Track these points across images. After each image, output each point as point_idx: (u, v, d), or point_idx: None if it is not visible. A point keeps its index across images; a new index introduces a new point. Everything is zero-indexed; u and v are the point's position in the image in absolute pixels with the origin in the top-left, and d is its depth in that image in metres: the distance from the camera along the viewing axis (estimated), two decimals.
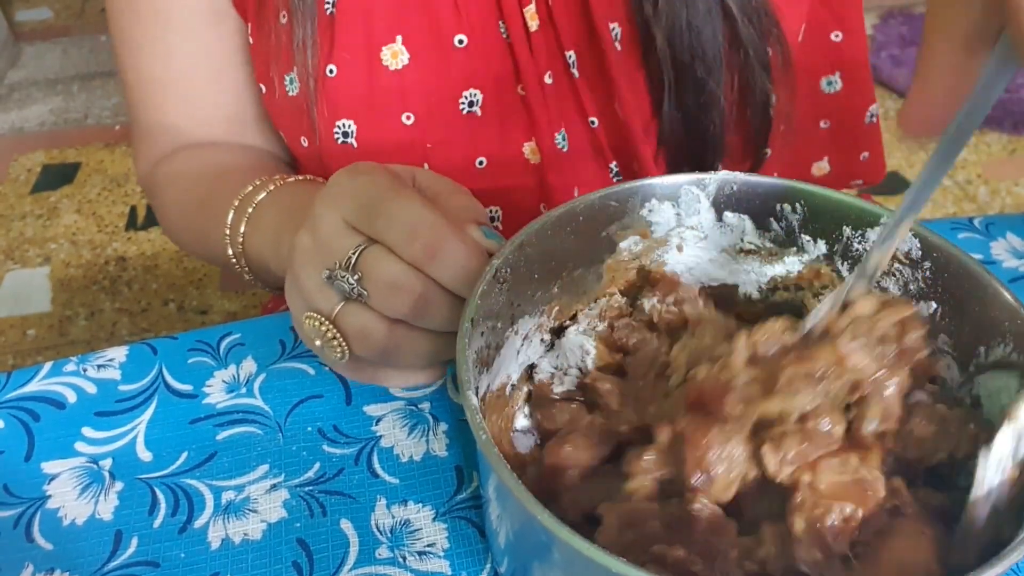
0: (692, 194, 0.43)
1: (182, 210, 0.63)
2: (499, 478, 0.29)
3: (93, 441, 0.47)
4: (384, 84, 0.56)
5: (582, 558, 0.27)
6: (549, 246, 0.41)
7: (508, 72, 0.57)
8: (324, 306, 0.40)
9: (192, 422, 0.47)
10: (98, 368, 0.50)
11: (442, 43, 0.55)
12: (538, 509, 0.28)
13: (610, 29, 0.55)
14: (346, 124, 0.57)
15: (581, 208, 0.41)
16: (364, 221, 0.39)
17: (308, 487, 0.44)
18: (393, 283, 0.39)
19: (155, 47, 0.62)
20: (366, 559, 0.41)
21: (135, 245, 1.81)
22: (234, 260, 0.53)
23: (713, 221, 0.44)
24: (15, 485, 0.45)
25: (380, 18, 0.55)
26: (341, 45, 0.55)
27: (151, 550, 0.42)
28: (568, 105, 0.58)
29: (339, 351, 0.41)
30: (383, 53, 0.55)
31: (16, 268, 1.77)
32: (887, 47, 2.20)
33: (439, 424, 0.47)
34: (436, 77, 0.56)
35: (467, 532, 0.42)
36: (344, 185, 0.41)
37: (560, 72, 0.57)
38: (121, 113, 2.22)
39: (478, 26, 0.55)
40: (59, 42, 2.53)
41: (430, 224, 0.38)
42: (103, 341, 1.59)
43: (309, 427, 0.47)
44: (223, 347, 0.52)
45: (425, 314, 0.39)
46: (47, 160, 2.06)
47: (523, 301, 0.41)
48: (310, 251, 0.41)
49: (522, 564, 0.36)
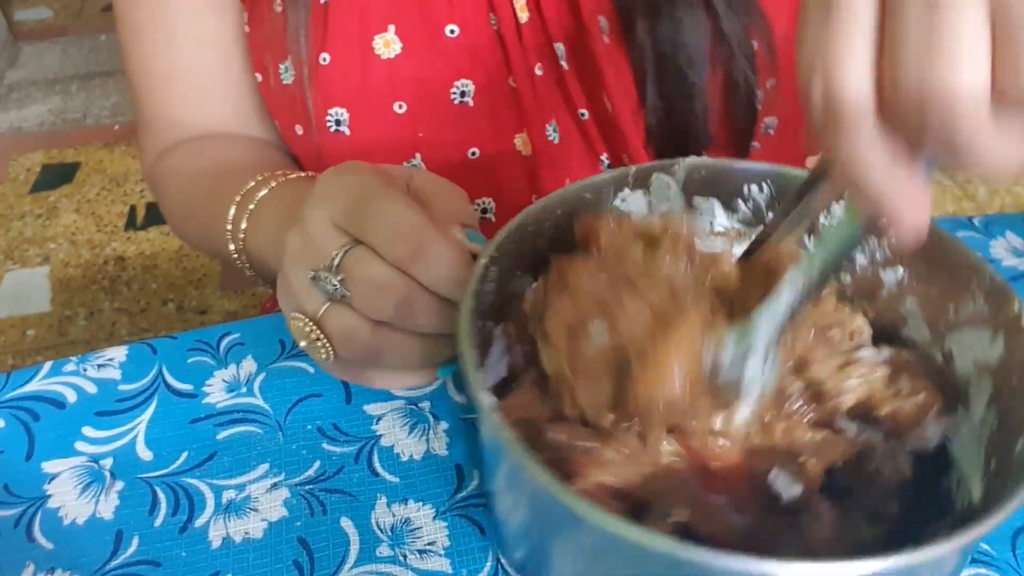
0: (662, 181, 0.43)
1: (185, 205, 0.63)
2: (532, 478, 0.29)
3: (93, 441, 0.47)
4: (376, 73, 0.56)
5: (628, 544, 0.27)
6: (530, 242, 0.41)
7: (499, 63, 0.57)
8: (309, 307, 0.40)
9: (192, 421, 0.47)
10: (98, 368, 0.50)
11: (434, 33, 0.56)
12: (585, 509, 0.28)
13: (597, 21, 0.55)
14: (338, 112, 0.57)
15: (558, 202, 0.41)
16: (350, 221, 0.39)
17: (308, 486, 0.44)
18: (376, 284, 0.39)
19: (160, 37, 0.62)
20: (367, 557, 0.41)
21: (134, 245, 1.81)
22: (236, 256, 0.53)
23: (683, 207, 0.44)
24: (15, 485, 0.45)
25: (374, 7, 0.55)
26: (334, 33, 0.55)
27: (152, 549, 0.42)
28: (557, 97, 0.58)
29: (324, 352, 0.41)
30: (375, 42, 0.55)
31: (15, 268, 1.77)
32: None
33: (439, 423, 0.47)
34: (427, 67, 0.56)
35: (468, 530, 0.42)
36: (332, 185, 0.40)
37: (549, 64, 0.57)
38: (120, 113, 2.22)
39: (469, 17, 0.56)
40: (58, 42, 2.53)
41: (414, 225, 0.38)
42: (103, 341, 1.60)
43: (309, 426, 0.47)
44: (223, 347, 0.52)
45: (409, 316, 0.39)
46: (46, 160, 2.06)
47: (508, 298, 0.41)
48: (298, 251, 0.41)
49: (541, 549, 0.36)
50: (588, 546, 0.32)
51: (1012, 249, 0.58)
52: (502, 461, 0.35)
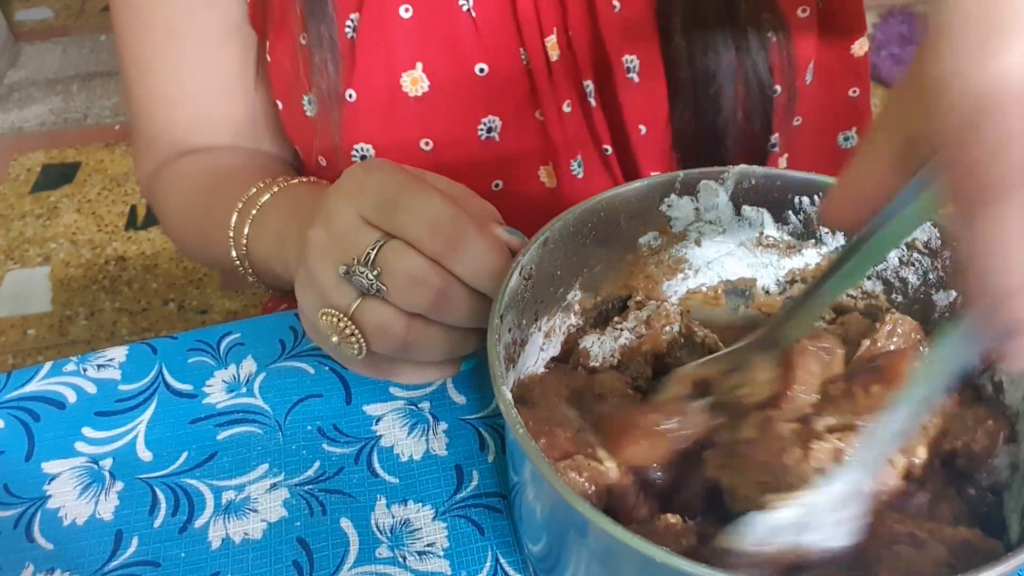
0: (710, 188, 0.43)
1: (185, 214, 0.63)
2: (543, 477, 0.30)
3: (93, 441, 0.47)
4: (403, 110, 0.56)
5: (633, 551, 0.27)
6: (571, 243, 0.41)
7: (527, 97, 0.57)
8: (341, 302, 0.40)
9: (192, 422, 0.47)
10: (98, 368, 0.50)
11: (463, 70, 0.55)
12: (589, 510, 0.28)
13: (624, 61, 0.56)
14: (364, 148, 0.57)
15: (602, 205, 0.41)
16: (383, 216, 0.39)
17: (308, 486, 0.44)
18: (414, 277, 0.39)
19: (166, 64, 0.61)
20: (366, 558, 0.41)
21: (135, 244, 1.81)
22: (238, 263, 0.53)
23: (731, 215, 0.44)
24: (15, 485, 0.45)
25: (401, 44, 0.55)
26: (361, 71, 0.55)
27: (151, 550, 0.42)
28: (585, 133, 0.58)
29: (356, 347, 0.41)
30: (403, 79, 0.55)
31: (16, 268, 1.77)
32: (887, 46, 2.19)
33: (439, 423, 0.47)
34: (456, 104, 0.56)
35: (467, 531, 0.42)
36: (360, 180, 0.41)
37: (577, 100, 0.57)
38: (121, 113, 2.22)
39: (499, 54, 0.56)
40: (59, 42, 2.53)
41: (451, 218, 0.39)
42: (103, 341, 1.59)
43: (309, 426, 0.47)
44: (223, 347, 0.52)
45: (445, 308, 0.40)
46: (47, 160, 2.06)
47: (546, 298, 0.41)
48: (325, 246, 0.41)
49: (558, 545, 0.36)
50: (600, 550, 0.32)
51: None
52: (524, 461, 0.35)
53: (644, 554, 0.27)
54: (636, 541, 0.27)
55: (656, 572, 0.28)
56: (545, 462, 0.30)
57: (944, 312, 0.40)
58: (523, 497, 0.37)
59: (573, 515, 0.29)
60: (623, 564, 0.31)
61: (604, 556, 0.32)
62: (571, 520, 0.32)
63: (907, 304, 0.42)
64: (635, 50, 0.56)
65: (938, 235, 0.39)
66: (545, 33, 0.55)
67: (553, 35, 0.55)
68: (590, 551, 0.33)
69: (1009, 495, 0.35)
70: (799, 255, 0.44)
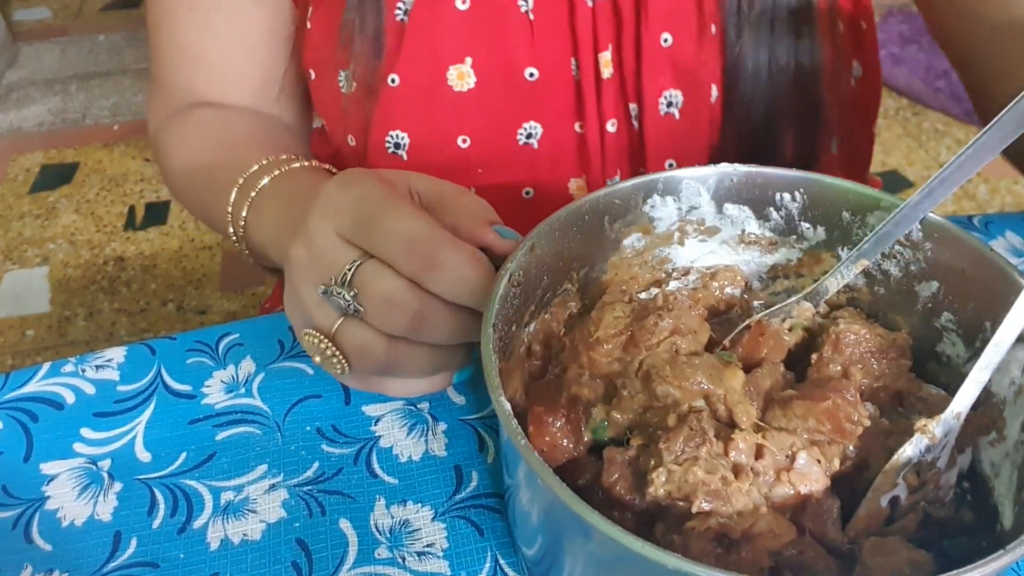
0: (692, 188, 0.43)
1: (188, 174, 0.62)
2: (546, 485, 0.30)
3: (92, 442, 0.47)
4: (445, 103, 0.55)
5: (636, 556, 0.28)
6: (557, 247, 0.41)
7: (570, 109, 0.57)
8: (323, 322, 0.40)
9: (191, 422, 0.47)
10: (96, 369, 0.50)
11: (512, 73, 0.55)
12: (592, 514, 0.28)
13: (661, 96, 0.56)
14: (399, 135, 0.56)
15: (586, 207, 0.41)
16: (359, 235, 0.39)
17: (307, 487, 0.44)
18: (390, 300, 0.38)
19: (193, 19, 0.61)
20: (365, 559, 0.41)
21: (134, 245, 1.81)
22: (235, 239, 0.53)
23: (714, 213, 0.44)
24: (14, 486, 0.45)
25: (452, 36, 0.54)
26: (408, 57, 0.54)
27: (150, 551, 0.42)
28: (625, 154, 0.58)
29: (339, 367, 0.41)
30: (449, 72, 0.54)
31: (15, 268, 1.77)
32: (887, 45, 2.20)
33: (438, 424, 0.47)
34: (500, 105, 0.56)
35: (466, 532, 0.42)
36: (336, 197, 0.40)
37: (623, 121, 0.57)
38: (119, 113, 2.22)
39: (551, 61, 0.55)
40: (57, 42, 2.53)
41: (427, 236, 0.38)
42: (102, 341, 1.59)
43: (308, 427, 0.47)
44: (222, 347, 0.52)
45: (424, 329, 0.39)
46: (45, 160, 2.06)
47: (534, 303, 0.41)
48: (305, 265, 0.40)
49: (555, 548, 0.36)
50: (597, 554, 0.32)
51: (1012, 248, 0.58)
52: (519, 465, 0.35)
53: (643, 555, 0.27)
54: (635, 542, 0.27)
55: (656, 572, 0.28)
56: (540, 462, 0.30)
57: (927, 303, 0.41)
58: (517, 500, 0.37)
59: (569, 516, 0.29)
60: (621, 566, 0.31)
61: (601, 558, 0.32)
62: (566, 520, 0.32)
63: (890, 296, 0.42)
64: (680, 85, 0.56)
65: (919, 227, 0.39)
66: (600, 48, 0.55)
67: (608, 51, 0.55)
68: (585, 553, 0.32)
69: (999, 482, 0.35)
70: (780, 251, 0.45)
